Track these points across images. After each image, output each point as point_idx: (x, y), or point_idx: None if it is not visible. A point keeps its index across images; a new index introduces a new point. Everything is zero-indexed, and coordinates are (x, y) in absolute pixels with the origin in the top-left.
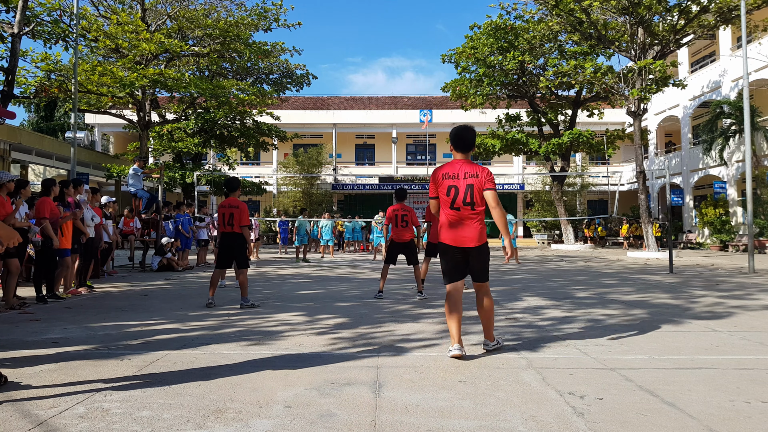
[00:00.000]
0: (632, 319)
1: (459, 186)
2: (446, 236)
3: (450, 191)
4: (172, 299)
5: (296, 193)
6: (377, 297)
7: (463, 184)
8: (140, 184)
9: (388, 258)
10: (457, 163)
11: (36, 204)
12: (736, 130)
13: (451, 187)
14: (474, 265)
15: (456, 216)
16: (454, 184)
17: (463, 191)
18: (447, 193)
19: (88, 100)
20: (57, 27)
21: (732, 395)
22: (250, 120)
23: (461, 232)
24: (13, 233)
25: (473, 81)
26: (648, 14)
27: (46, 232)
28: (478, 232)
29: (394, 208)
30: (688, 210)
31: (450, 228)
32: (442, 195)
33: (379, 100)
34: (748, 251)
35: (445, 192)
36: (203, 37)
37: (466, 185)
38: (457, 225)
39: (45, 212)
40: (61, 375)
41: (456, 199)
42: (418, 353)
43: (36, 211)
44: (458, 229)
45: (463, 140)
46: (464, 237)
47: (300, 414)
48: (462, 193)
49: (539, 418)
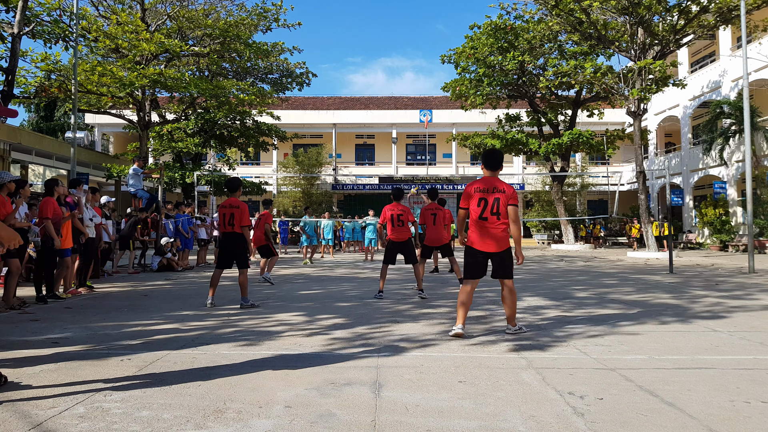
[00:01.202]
0: (632, 319)
1: (488, 199)
2: (474, 241)
3: (480, 203)
4: (172, 299)
5: (296, 193)
6: (377, 297)
7: (492, 198)
8: (140, 184)
9: (387, 258)
10: (488, 179)
11: (39, 204)
12: (736, 130)
13: (482, 200)
14: (499, 266)
15: (483, 225)
16: (485, 197)
17: (491, 204)
18: (477, 204)
19: (88, 100)
20: (57, 27)
21: (732, 395)
22: (250, 120)
23: (487, 239)
24: (14, 235)
25: (473, 81)
26: (648, 14)
27: (47, 232)
28: (502, 239)
29: (389, 207)
30: (688, 210)
31: (478, 234)
32: (473, 206)
33: (379, 100)
34: (748, 251)
35: (475, 204)
36: (203, 37)
37: (494, 198)
38: (484, 232)
39: (48, 212)
40: (61, 375)
41: (484, 211)
42: (418, 353)
43: (39, 210)
44: (485, 236)
45: (494, 161)
46: (489, 243)
47: (300, 414)
48: (490, 205)
49: (539, 418)
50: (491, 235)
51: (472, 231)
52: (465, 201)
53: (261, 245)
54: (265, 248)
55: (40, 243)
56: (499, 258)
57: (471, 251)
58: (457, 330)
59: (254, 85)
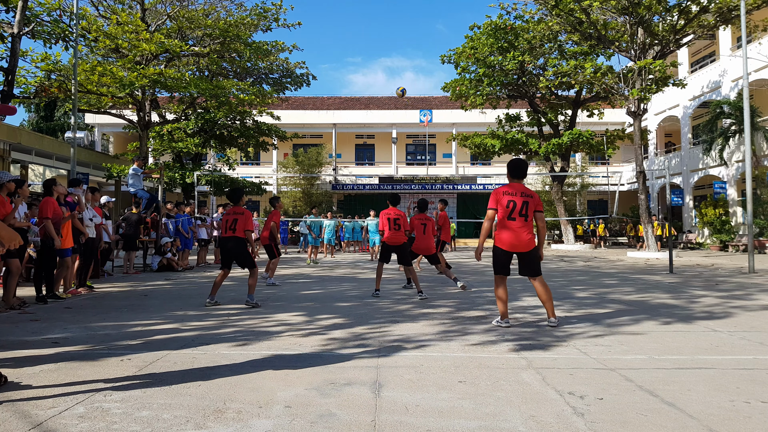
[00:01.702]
0: (632, 319)
1: (516, 201)
2: (504, 241)
3: (509, 204)
4: (172, 299)
5: (296, 193)
6: (374, 296)
7: (520, 201)
8: (140, 184)
9: (382, 257)
10: (515, 186)
11: (40, 204)
12: (736, 130)
13: (510, 202)
14: (527, 264)
15: (512, 225)
16: (513, 200)
17: (519, 205)
18: (507, 205)
19: (88, 100)
20: (57, 27)
21: (732, 395)
22: (250, 120)
23: (516, 240)
24: (14, 235)
25: (473, 81)
26: (648, 14)
27: (48, 231)
28: (529, 239)
29: (386, 212)
30: (688, 210)
31: (508, 236)
32: (503, 207)
33: (379, 100)
34: (748, 251)
35: (505, 205)
36: (203, 37)
37: (522, 201)
38: (513, 233)
39: (48, 212)
40: (61, 375)
41: (513, 211)
42: (418, 353)
43: (39, 210)
44: (514, 237)
45: (520, 170)
46: (517, 243)
47: (300, 414)
48: (519, 206)
49: (539, 418)
50: (519, 236)
51: (502, 231)
52: (494, 202)
53: (265, 245)
54: (269, 248)
55: (40, 243)
56: (528, 257)
57: (500, 251)
58: (507, 324)
59: (254, 85)
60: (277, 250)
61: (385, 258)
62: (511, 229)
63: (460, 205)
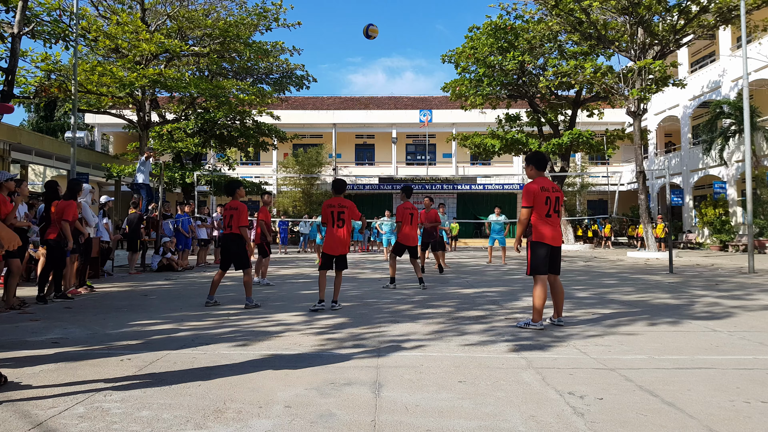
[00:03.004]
0: (632, 319)
1: (551, 197)
2: (548, 237)
3: (547, 201)
4: (172, 299)
5: (296, 194)
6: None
7: (554, 196)
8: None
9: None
10: (544, 179)
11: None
12: (736, 130)
13: (548, 198)
14: (557, 260)
15: (551, 221)
16: (549, 196)
17: (553, 201)
18: (545, 202)
19: (88, 100)
20: (57, 27)
21: (732, 395)
22: (250, 120)
23: (556, 234)
24: (14, 236)
25: (473, 81)
26: (648, 14)
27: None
28: (561, 235)
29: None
30: (688, 210)
31: (550, 231)
32: (541, 204)
33: (379, 100)
34: (748, 251)
35: (543, 201)
36: (203, 37)
37: (555, 197)
38: (553, 228)
39: (70, 215)
40: (61, 375)
41: (551, 208)
42: (418, 353)
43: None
44: (554, 231)
45: (544, 161)
46: (558, 238)
47: (300, 414)
48: (553, 202)
49: (539, 418)
50: (557, 231)
51: (544, 227)
52: (530, 199)
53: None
54: (260, 247)
55: (53, 244)
56: (559, 252)
57: (544, 246)
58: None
59: (254, 85)
60: (268, 248)
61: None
62: (551, 224)
63: (460, 205)
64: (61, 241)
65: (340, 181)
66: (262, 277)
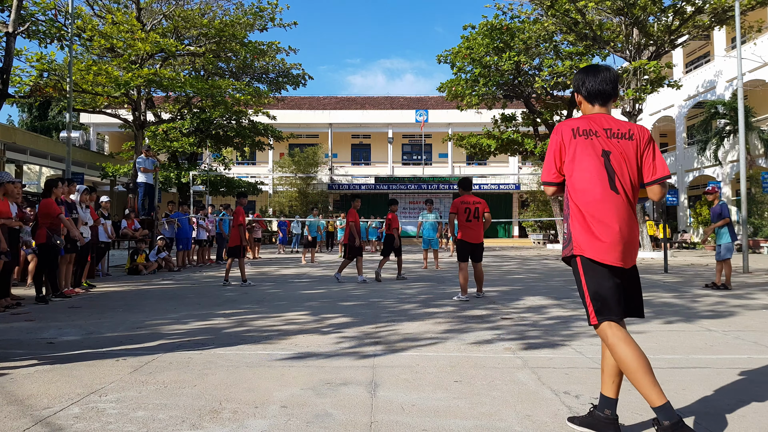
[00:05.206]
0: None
1: (470, 208)
2: (467, 236)
3: (466, 211)
4: (168, 299)
5: (292, 193)
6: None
7: (473, 207)
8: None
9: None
10: (467, 196)
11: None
12: (731, 130)
13: (467, 209)
14: (477, 252)
15: (470, 225)
16: (468, 207)
17: (472, 211)
18: (464, 211)
19: (83, 99)
20: (52, 26)
21: (727, 394)
22: (246, 120)
23: (474, 234)
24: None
25: (469, 81)
26: (643, 15)
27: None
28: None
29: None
30: (683, 209)
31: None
32: (462, 213)
33: (375, 100)
34: (742, 251)
35: (464, 211)
36: (199, 36)
37: (474, 207)
38: (472, 230)
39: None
40: (56, 375)
41: (470, 215)
42: (414, 353)
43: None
44: (473, 232)
45: (470, 184)
46: (476, 237)
47: (296, 414)
48: (472, 211)
49: (535, 418)
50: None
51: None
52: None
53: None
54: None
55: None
56: (478, 247)
57: (465, 243)
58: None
59: (250, 84)
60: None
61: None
62: (470, 228)
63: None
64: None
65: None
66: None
